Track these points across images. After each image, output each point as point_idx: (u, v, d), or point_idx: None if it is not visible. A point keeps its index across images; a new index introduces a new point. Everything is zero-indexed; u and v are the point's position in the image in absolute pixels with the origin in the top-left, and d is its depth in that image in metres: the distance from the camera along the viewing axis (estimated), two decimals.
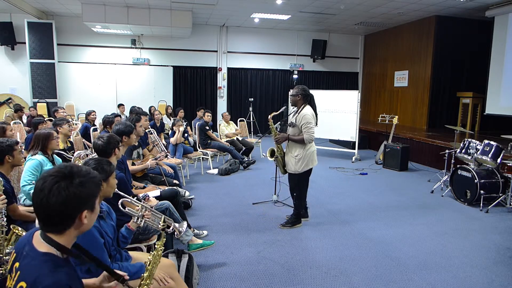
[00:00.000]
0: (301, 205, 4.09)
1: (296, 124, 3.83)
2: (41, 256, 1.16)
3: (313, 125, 3.79)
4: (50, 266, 1.14)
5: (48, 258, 1.16)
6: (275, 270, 3.10)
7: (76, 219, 1.20)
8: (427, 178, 6.46)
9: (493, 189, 4.82)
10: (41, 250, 1.18)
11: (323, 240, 3.75)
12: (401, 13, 9.27)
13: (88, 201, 1.22)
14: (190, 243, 3.43)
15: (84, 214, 1.20)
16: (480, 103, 9.02)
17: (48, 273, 1.12)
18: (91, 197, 1.24)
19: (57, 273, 1.13)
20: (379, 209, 4.78)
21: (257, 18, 10.23)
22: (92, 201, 1.24)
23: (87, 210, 1.22)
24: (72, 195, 1.16)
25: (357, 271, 3.11)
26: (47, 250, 1.18)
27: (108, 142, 2.74)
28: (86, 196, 1.21)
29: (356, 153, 8.01)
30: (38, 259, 1.16)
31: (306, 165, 3.89)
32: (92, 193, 1.24)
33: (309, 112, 3.82)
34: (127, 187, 2.91)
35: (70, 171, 1.21)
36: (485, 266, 3.23)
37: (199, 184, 5.87)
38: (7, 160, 2.62)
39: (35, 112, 7.83)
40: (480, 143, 5.07)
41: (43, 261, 1.15)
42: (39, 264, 1.14)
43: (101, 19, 8.91)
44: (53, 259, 1.17)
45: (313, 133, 3.80)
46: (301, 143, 3.83)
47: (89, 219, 1.24)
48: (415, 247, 3.60)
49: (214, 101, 11.93)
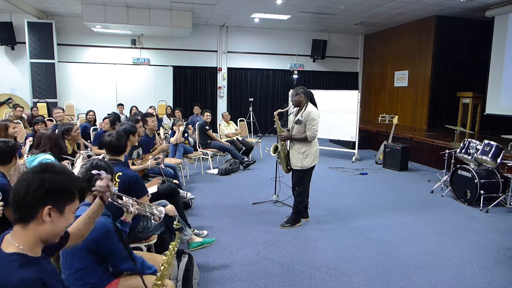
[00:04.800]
0: (302, 202, 4.09)
1: (303, 121, 3.88)
2: (7, 256, 1.15)
3: (317, 122, 3.86)
4: (16, 265, 1.12)
5: (14, 257, 1.14)
6: (275, 270, 3.09)
7: (38, 211, 1.17)
8: (427, 178, 6.46)
9: (493, 189, 4.82)
10: (7, 251, 1.16)
11: (323, 240, 3.75)
12: (401, 13, 9.26)
13: (54, 195, 1.19)
14: (190, 242, 3.42)
15: (46, 209, 1.17)
16: (480, 103, 9.01)
17: (13, 272, 1.10)
18: (59, 193, 1.20)
19: (23, 270, 1.11)
20: (379, 209, 4.77)
21: (257, 18, 10.23)
22: (59, 199, 1.21)
23: (51, 207, 1.18)
24: (35, 181, 1.17)
25: (357, 271, 3.11)
26: (14, 250, 1.16)
27: (120, 138, 2.77)
28: (50, 188, 1.18)
29: (356, 153, 8.01)
30: (4, 260, 1.14)
31: (313, 161, 3.96)
32: (60, 189, 1.20)
33: (314, 110, 3.90)
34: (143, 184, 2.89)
35: (52, 165, 1.23)
36: (485, 266, 3.23)
37: (199, 184, 5.87)
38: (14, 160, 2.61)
39: (37, 112, 7.83)
40: (480, 143, 5.07)
41: (9, 261, 1.13)
42: (5, 264, 1.12)
43: (101, 19, 8.91)
44: (20, 258, 1.15)
45: (317, 130, 3.86)
46: (304, 141, 3.88)
47: (54, 220, 1.20)
48: (415, 247, 3.60)
49: (214, 101, 11.93)
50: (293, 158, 3.99)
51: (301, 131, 3.92)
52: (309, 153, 3.91)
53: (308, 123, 3.84)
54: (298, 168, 3.97)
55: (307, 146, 3.90)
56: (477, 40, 9.52)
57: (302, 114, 3.91)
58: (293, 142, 4.02)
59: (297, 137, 3.92)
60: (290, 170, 4.14)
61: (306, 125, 3.86)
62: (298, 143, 3.95)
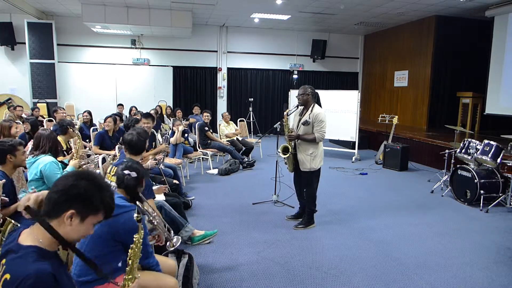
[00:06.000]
0: (314, 202, 4.07)
1: (310, 122, 3.86)
2: (25, 248, 1.19)
3: (325, 124, 3.86)
4: (34, 256, 1.17)
5: (32, 249, 1.19)
6: (275, 270, 3.10)
7: (63, 212, 1.23)
8: (427, 178, 6.46)
9: (493, 189, 4.82)
10: (25, 244, 1.20)
11: (323, 240, 3.75)
12: (401, 13, 9.26)
13: (80, 202, 1.25)
14: (192, 237, 3.42)
15: (69, 212, 1.23)
16: (480, 103, 9.01)
17: (32, 262, 1.14)
18: (85, 202, 1.26)
19: (41, 262, 1.15)
20: (379, 209, 4.77)
21: (257, 18, 10.23)
22: (84, 208, 1.26)
23: (74, 211, 1.24)
24: (75, 186, 1.25)
25: (357, 271, 3.11)
26: (32, 243, 1.21)
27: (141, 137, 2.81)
28: (79, 195, 1.25)
29: (356, 153, 8.01)
30: (21, 252, 1.18)
31: (320, 162, 3.97)
32: (88, 199, 1.26)
33: (322, 111, 3.90)
34: (150, 186, 2.89)
35: (93, 177, 1.31)
36: (485, 266, 3.23)
37: (199, 184, 5.87)
38: (8, 159, 2.62)
39: (38, 112, 7.82)
40: (480, 143, 5.07)
41: (27, 253, 1.17)
42: (23, 255, 1.17)
43: (101, 19, 8.91)
44: (38, 251, 1.19)
45: (325, 132, 3.87)
46: (312, 142, 3.87)
47: (74, 225, 1.25)
48: (415, 247, 3.60)
49: (214, 101, 11.93)
50: (303, 160, 3.93)
51: (308, 132, 3.90)
52: (316, 154, 3.91)
53: (316, 125, 3.84)
54: (307, 170, 3.94)
55: (314, 148, 3.90)
56: (477, 40, 9.51)
57: (309, 115, 3.89)
58: (300, 143, 3.98)
59: (305, 137, 3.89)
60: (295, 169, 4.10)
61: (314, 126, 3.85)
62: (304, 144, 3.92)
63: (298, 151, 3.99)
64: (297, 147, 4.01)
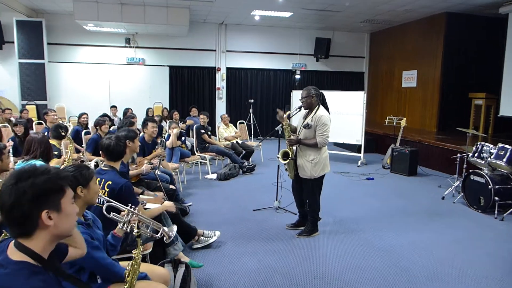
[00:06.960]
0: (317, 211, 4.02)
1: (312, 125, 3.78)
2: (14, 264, 1.17)
3: (328, 128, 3.76)
4: (25, 274, 1.15)
5: (22, 266, 1.17)
6: (276, 280, 3.09)
7: (38, 219, 1.19)
8: (437, 183, 6.46)
9: (509, 196, 4.80)
10: (14, 259, 1.18)
11: (327, 249, 3.75)
12: (409, 10, 9.30)
13: (45, 199, 1.21)
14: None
15: (44, 214, 1.19)
16: (494, 105, 9.00)
17: (23, 282, 1.13)
18: (48, 194, 1.22)
19: (32, 280, 1.14)
20: (386, 216, 4.77)
21: (258, 15, 10.29)
22: (52, 200, 1.22)
23: (48, 210, 1.20)
24: (22, 193, 1.16)
25: (363, 282, 3.10)
26: (21, 258, 1.18)
27: (119, 142, 2.80)
28: (39, 194, 1.19)
29: (362, 157, 8.01)
30: (10, 268, 1.16)
31: (322, 170, 3.85)
32: (48, 190, 1.22)
33: (325, 114, 3.81)
34: (133, 194, 2.89)
35: (24, 171, 1.22)
36: (499, 277, 3.22)
37: (196, 189, 5.88)
38: None
39: (27, 115, 7.86)
40: (494, 146, 5.06)
41: (17, 270, 1.16)
42: (12, 273, 1.15)
43: (93, 16, 8.96)
44: (28, 267, 1.17)
45: (328, 136, 3.76)
46: (314, 147, 3.79)
47: (57, 220, 1.23)
48: (425, 257, 3.59)
49: (213, 102, 11.97)
50: (303, 166, 3.86)
51: (309, 137, 3.81)
52: (318, 161, 3.79)
53: (319, 128, 3.73)
54: (307, 177, 3.86)
55: (316, 154, 3.79)
56: (490, 38, 9.53)
57: (312, 118, 3.80)
58: (300, 148, 3.89)
59: (306, 142, 3.80)
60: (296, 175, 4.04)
61: (316, 130, 3.75)
62: (306, 149, 3.83)
63: (299, 156, 3.91)
64: (297, 152, 3.94)
